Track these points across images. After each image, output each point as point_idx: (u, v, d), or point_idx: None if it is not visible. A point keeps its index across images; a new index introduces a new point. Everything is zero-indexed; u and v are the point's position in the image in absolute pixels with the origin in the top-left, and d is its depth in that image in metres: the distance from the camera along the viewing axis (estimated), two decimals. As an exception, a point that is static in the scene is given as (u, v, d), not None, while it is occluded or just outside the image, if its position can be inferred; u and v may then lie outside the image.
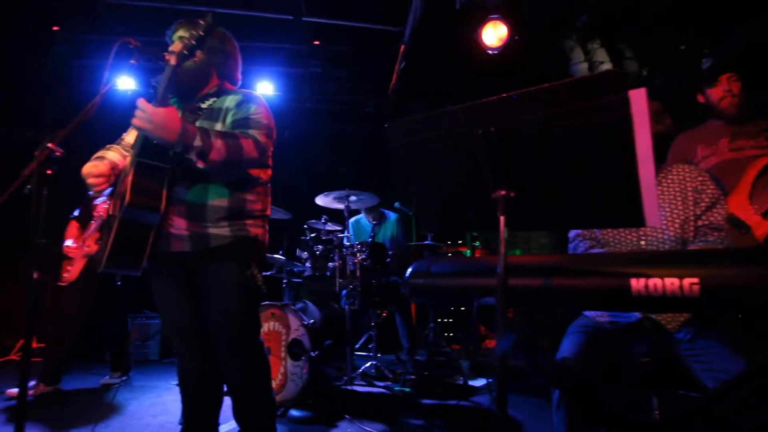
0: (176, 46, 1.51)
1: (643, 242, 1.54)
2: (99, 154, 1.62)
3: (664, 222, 1.52)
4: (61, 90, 4.98)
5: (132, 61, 1.41)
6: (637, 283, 0.89)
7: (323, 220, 3.09)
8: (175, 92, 1.60)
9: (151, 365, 4.01)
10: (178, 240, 1.52)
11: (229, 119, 1.59)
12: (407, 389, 3.01)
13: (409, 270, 1.28)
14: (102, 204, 3.13)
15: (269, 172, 1.71)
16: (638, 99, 0.82)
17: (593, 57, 4.06)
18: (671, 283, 0.86)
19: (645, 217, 0.84)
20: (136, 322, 4.24)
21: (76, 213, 3.23)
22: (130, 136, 1.72)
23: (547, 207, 0.97)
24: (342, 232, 3.19)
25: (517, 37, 3.68)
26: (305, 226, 3.15)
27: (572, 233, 1.69)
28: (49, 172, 1.13)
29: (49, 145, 1.13)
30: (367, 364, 3.34)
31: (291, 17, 4.26)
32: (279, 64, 4.79)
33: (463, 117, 0.91)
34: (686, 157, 2.18)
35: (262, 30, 4.47)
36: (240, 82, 1.81)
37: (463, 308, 4.55)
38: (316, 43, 4.55)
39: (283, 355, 2.62)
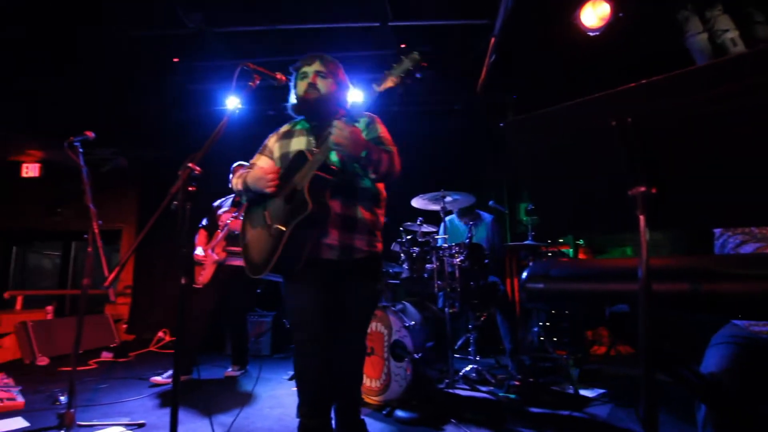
0: (318, 81, 1.78)
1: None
2: (253, 161, 1.92)
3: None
4: (178, 114, 5.64)
5: (251, 84, 1.53)
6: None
7: (419, 222, 3.10)
8: (319, 117, 1.83)
9: (264, 360, 4.35)
10: (328, 248, 1.74)
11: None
12: (512, 395, 2.89)
13: (525, 273, 1.21)
14: (225, 214, 3.46)
15: (383, 188, 1.95)
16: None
17: (714, 26, 3.55)
18: None
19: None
20: (250, 319, 4.63)
21: (204, 222, 3.61)
22: (262, 162, 1.92)
23: (697, 202, 0.86)
24: (437, 233, 3.17)
25: (621, 15, 3.36)
26: (401, 228, 3.19)
27: (719, 228, 1.49)
28: (191, 189, 1.27)
29: (190, 164, 1.27)
30: (468, 368, 3.28)
31: (377, 24, 4.35)
32: (367, 71, 4.92)
33: (594, 108, 0.84)
34: None
35: (349, 40, 4.63)
36: None
37: (567, 311, 4.25)
38: (403, 46, 4.59)
39: (385, 355, 2.67)
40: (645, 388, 0.86)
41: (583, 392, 2.94)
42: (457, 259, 2.83)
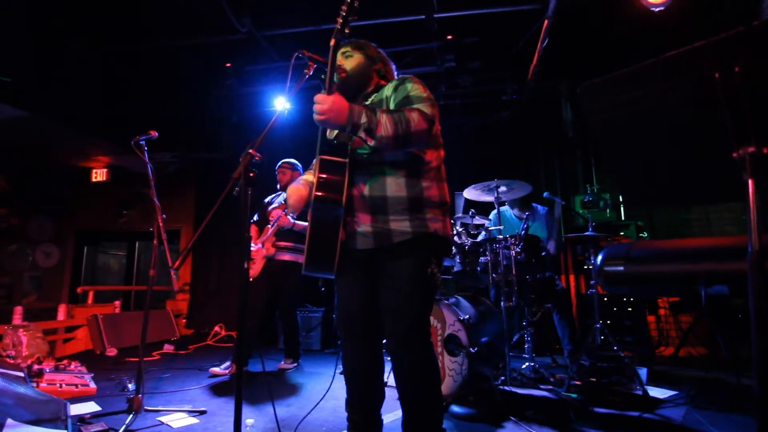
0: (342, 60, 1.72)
1: None
2: (302, 177, 1.85)
3: None
4: (230, 117, 5.86)
5: (306, 71, 1.52)
6: None
7: (471, 214, 3.01)
8: (351, 95, 1.70)
9: (315, 354, 4.42)
10: (363, 237, 1.58)
11: (391, 105, 1.64)
12: (574, 395, 2.74)
13: (601, 256, 1.13)
14: (275, 210, 3.54)
15: (441, 153, 1.70)
16: None
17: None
18: None
19: None
20: (301, 315, 4.72)
21: (255, 218, 3.71)
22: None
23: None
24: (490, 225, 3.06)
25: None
26: (452, 220, 3.11)
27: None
28: (251, 174, 1.28)
29: (251, 150, 1.28)
30: (524, 365, 3.15)
31: (423, 17, 4.29)
32: (412, 65, 4.88)
33: (691, 60, 0.75)
34: None
35: (394, 35, 4.61)
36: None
37: (630, 308, 4.00)
38: (449, 37, 4.50)
39: (439, 350, 2.61)
40: (760, 383, 0.75)
41: (652, 393, 2.74)
42: (513, 251, 2.71)
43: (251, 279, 3.47)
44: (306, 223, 3.34)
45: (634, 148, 0.91)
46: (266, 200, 3.80)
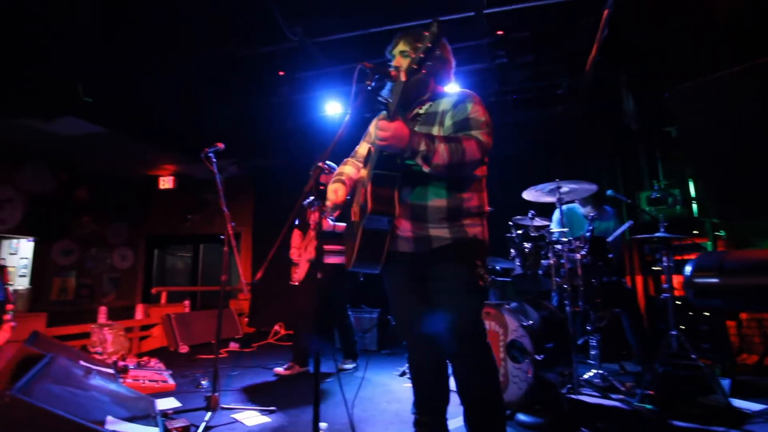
0: (402, 62, 1.65)
1: None
2: (339, 170, 1.84)
3: None
4: (284, 123, 6.06)
5: (368, 82, 1.54)
6: None
7: (530, 215, 2.92)
8: (408, 97, 1.69)
9: (372, 355, 4.48)
10: (404, 241, 1.64)
11: (447, 122, 1.64)
12: (648, 406, 2.59)
13: (690, 267, 1.06)
14: (314, 213, 3.58)
15: (484, 168, 1.71)
16: None
17: None
18: None
19: None
20: (356, 315, 4.80)
21: (296, 222, 3.79)
22: (362, 148, 1.93)
23: None
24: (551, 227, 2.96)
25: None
26: (510, 222, 3.04)
27: None
28: (321, 188, 1.33)
29: (320, 164, 1.32)
30: (591, 373, 3.02)
31: (473, 13, 4.22)
32: (462, 63, 4.81)
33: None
34: None
35: (443, 33, 4.55)
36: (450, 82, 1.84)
37: (707, 313, 3.72)
38: (500, 33, 4.40)
39: (502, 356, 2.56)
40: None
41: (737, 406, 2.54)
42: (579, 254, 2.61)
43: (297, 283, 3.55)
44: (343, 225, 3.39)
45: (730, 157, 0.85)
46: (305, 203, 3.85)
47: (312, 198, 1.48)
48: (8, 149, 6.14)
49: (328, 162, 3.80)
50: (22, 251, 7.54)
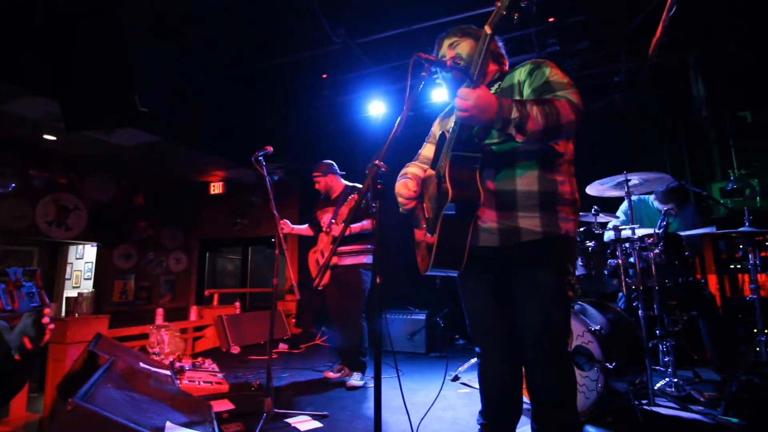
0: (454, 50, 1.56)
1: None
2: (403, 171, 1.76)
3: None
4: (329, 125, 6.09)
5: (423, 73, 1.45)
6: None
7: (593, 212, 2.72)
8: (458, 86, 1.52)
9: (420, 358, 4.38)
10: (487, 234, 1.46)
11: (526, 90, 1.48)
12: (735, 419, 2.33)
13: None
14: (325, 216, 3.48)
15: (571, 146, 1.53)
16: None
17: None
18: None
19: None
20: (403, 317, 4.71)
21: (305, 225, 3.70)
22: (426, 150, 1.83)
23: None
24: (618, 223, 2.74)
25: None
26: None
27: None
28: (379, 186, 1.25)
29: (377, 162, 1.24)
30: (663, 381, 2.77)
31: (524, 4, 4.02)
32: (510, 55, 4.61)
33: None
34: None
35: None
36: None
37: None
38: (551, 20, 4.17)
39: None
40: None
41: None
42: (652, 252, 2.38)
43: (321, 287, 3.44)
44: (358, 225, 3.28)
45: None
46: (317, 203, 3.75)
47: (369, 196, 1.32)
48: (74, 160, 6.56)
49: (327, 161, 3.67)
50: (87, 256, 8.05)
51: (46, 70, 3.96)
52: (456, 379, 3.33)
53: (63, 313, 6.82)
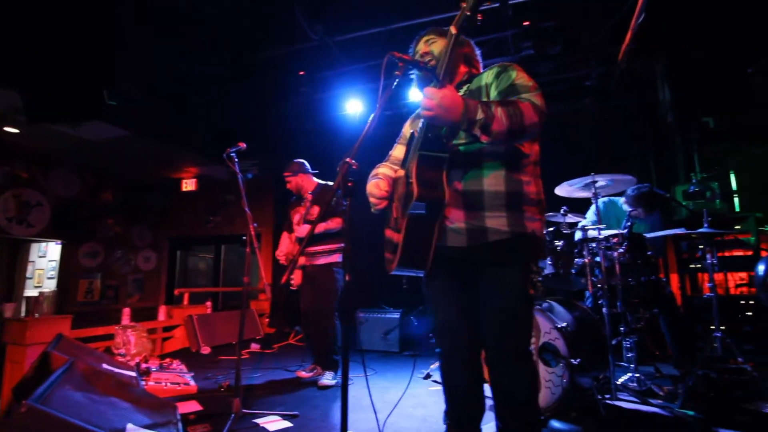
0: (431, 47, 1.58)
1: None
2: (374, 171, 1.75)
3: None
4: (305, 123, 6.03)
5: (396, 72, 1.45)
6: None
7: (562, 212, 2.79)
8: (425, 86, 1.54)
9: (394, 357, 4.39)
10: (455, 234, 1.48)
11: (493, 93, 1.51)
12: (691, 412, 2.43)
13: (764, 266, 0.93)
14: (297, 215, 3.45)
15: (536, 147, 1.57)
16: None
17: None
18: None
19: None
20: (377, 316, 4.72)
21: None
22: (397, 151, 1.83)
23: None
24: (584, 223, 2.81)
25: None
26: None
27: None
28: (350, 184, 1.24)
29: (348, 160, 1.24)
30: (625, 377, 2.87)
31: (497, 4, 4.09)
32: (487, 57, 4.68)
33: None
34: None
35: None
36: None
37: (750, 312, 3.51)
38: (526, 23, 4.25)
39: (534, 359, 2.44)
40: None
41: (791, 414, 2.35)
42: (616, 252, 2.46)
43: (296, 287, 3.43)
44: (323, 224, 3.25)
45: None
46: (290, 202, 3.72)
47: (340, 193, 1.30)
48: (37, 154, 6.29)
49: (299, 160, 3.65)
50: (50, 254, 7.73)
51: (6, 60, 3.78)
52: (428, 377, 3.36)
53: (23, 314, 6.54)
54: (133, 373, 2.62)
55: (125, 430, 1.41)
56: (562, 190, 2.77)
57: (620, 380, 2.82)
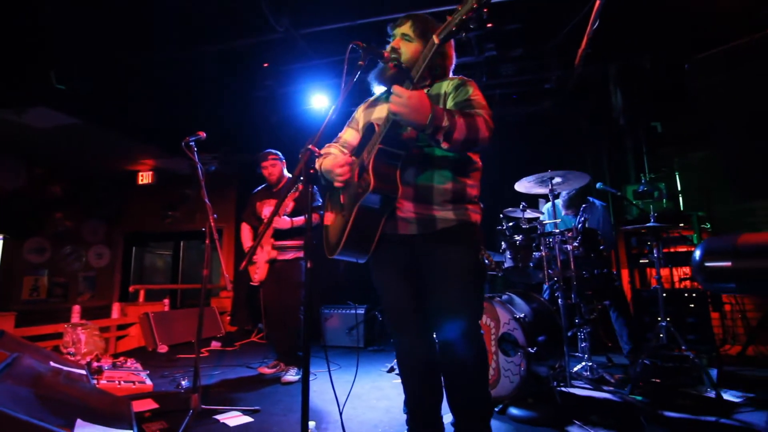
0: (401, 45, 1.66)
1: None
2: (325, 151, 1.74)
3: None
4: (269, 116, 5.91)
5: (360, 63, 1.46)
6: None
7: (521, 207, 2.88)
8: (394, 83, 1.54)
9: (359, 352, 4.39)
10: (405, 223, 1.56)
11: (449, 103, 1.59)
12: (639, 398, 2.58)
13: (700, 251, 1.01)
14: (265, 207, 3.41)
15: (479, 160, 1.69)
16: None
17: None
18: None
19: None
20: (342, 312, 4.71)
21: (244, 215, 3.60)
22: (347, 135, 1.84)
23: None
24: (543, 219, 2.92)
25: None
26: (501, 215, 2.99)
27: None
28: (312, 171, 1.24)
29: (310, 146, 1.23)
30: (580, 365, 3.01)
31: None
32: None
33: None
34: None
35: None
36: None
37: (692, 305, 3.75)
38: (490, 25, 4.34)
39: (493, 349, 2.51)
40: None
41: (725, 396, 2.55)
42: (571, 246, 2.57)
43: (258, 283, 3.37)
44: (301, 218, 3.25)
45: (757, 131, 0.80)
46: (254, 192, 3.67)
47: (302, 180, 1.29)
48: (-25, 142, 5.85)
49: (276, 150, 3.62)
50: (-9, 249, 7.22)
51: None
52: (392, 370, 3.40)
53: (-41, 313, 6.07)
54: (83, 372, 2.49)
55: (75, 426, 1.34)
56: (521, 186, 2.87)
57: (575, 369, 2.95)
